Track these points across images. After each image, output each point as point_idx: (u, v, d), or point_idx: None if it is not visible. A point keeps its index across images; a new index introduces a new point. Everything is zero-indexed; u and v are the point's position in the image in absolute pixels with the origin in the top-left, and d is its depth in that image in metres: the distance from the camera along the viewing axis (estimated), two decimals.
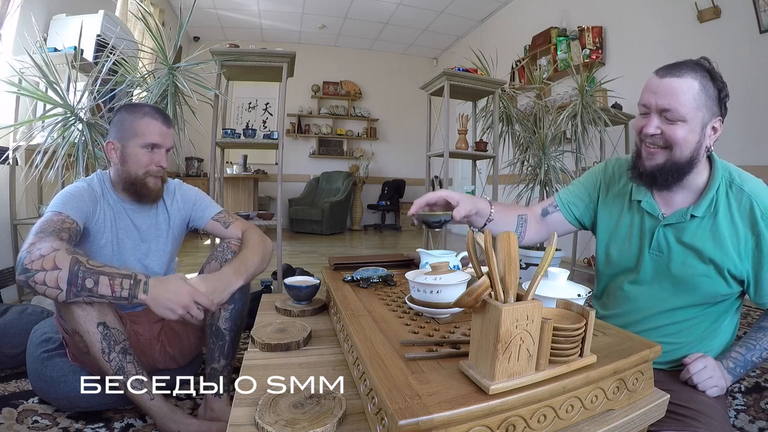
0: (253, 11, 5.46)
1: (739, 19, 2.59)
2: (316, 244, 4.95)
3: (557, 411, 0.57)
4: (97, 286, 0.88)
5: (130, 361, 1.01)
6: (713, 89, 0.82)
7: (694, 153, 0.84)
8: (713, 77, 0.83)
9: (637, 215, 0.97)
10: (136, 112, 1.17)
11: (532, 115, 3.01)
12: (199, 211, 1.32)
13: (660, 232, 0.92)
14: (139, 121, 1.16)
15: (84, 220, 1.09)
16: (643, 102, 0.86)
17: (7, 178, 2.25)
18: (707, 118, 0.83)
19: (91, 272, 0.88)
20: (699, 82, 0.81)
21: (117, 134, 1.17)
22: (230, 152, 5.78)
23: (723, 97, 0.84)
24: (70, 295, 0.88)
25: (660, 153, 0.86)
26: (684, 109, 0.80)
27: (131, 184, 1.18)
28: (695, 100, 0.80)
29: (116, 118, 1.19)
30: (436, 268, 0.85)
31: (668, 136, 0.83)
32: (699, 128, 0.83)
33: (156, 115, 1.18)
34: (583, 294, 0.77)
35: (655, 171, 0.87)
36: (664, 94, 0.81)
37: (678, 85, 0.81)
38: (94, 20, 2.57)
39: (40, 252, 0.87)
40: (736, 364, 0.87)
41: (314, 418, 0.61)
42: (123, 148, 1.16)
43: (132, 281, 0.91)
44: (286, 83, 2.42)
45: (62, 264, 0.86)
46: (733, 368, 0.87)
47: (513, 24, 5.01)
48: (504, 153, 2.94)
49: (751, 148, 2.54)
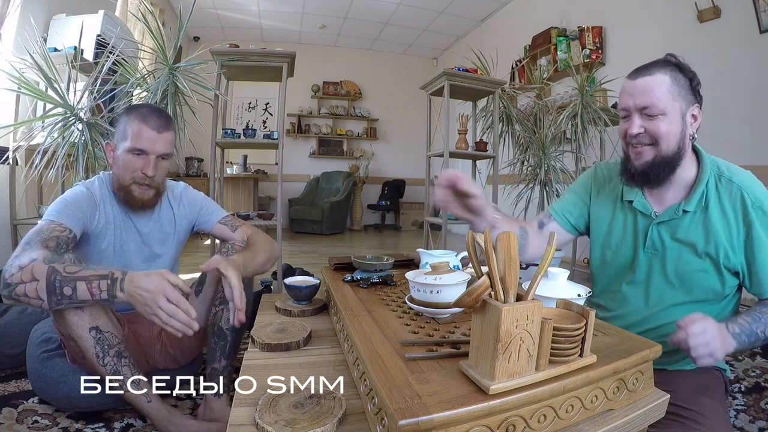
0: (253, 11, 5.46)
1: (739, 19, 2.59)
2: (316, 244, 4.94)
3: (557, 411, 0.57)
4: (75, 293, 0.87)
5: (126, 364, 1.01)
6: (684, 79, 0.87)
7: (680, 143, 0.87)
8: (681, 69, 0.87)
9: (630, 215, 0.98)
10: (133, 113, 1.14)
11: (532, 115, 3.01)
12: (205, 215, 1.33)
13: (654, 231, 0.93)
14: (131, 123, 1.12)
15: (81, 227, 1.09)
16: (622, 106, 0.90)
17: (7, 178, 2.25)
18: (685, 107, 0.86)
19: (67, 280, 0.86)
20: (669, 76, 0.85)
21: (115, 136, 1.16)
22: (230, 152, 5.78)
23: (695, 86, 0.88)
24: (52, 304, 0.87)
25: (647, 150, 0.88)
26: (661, 102, 0.84)
27: (119, 189, 1.16)
28: (670, 93, 0.84)
29: (120, 118, 1.18)
30: (436, 268, 0.85)
31: (652, 132, 0.86)
32: (679, 118, 0.86)
33: (149, 118, 1.12)
34: (583, 294, 0.77)
35: (646, 169, 0.89)
36: (639, 94, 0.86)
37: (651, 82, 0.85)
38: (94, 20, 2.57)
39: (20, 264, 0.87)
40: (742, 330, 0.80)
41: (314, 418, 0.61)
42: (115, 150, 1.15)
43: (109, 281, 0.88)
44: (286, 83, 2.42)
45: (39, 275, 0.85)
46: (739, 334, 0.79)
47: (513, 24, 5.01)
48: (504, 153, 2.94)
49: (752, 147, 2.54)
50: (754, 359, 1.65)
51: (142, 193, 1.16)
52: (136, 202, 1.16)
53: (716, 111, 2.71)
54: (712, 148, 0.99)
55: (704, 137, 3.20)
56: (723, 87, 2.68)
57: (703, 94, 0.91)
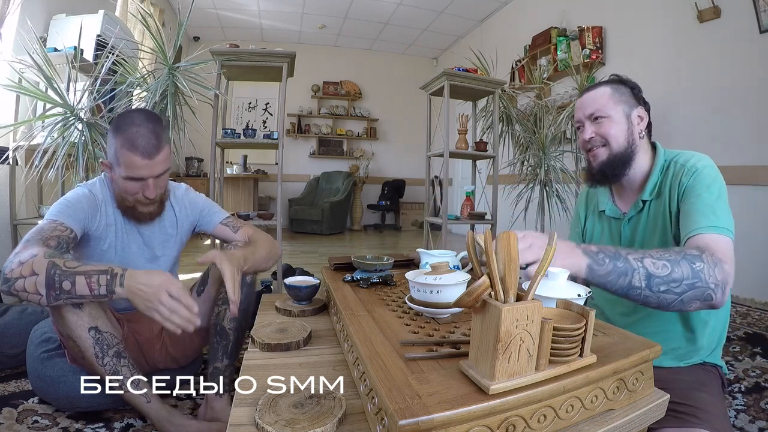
0: (253, 11, 5.46)
1: (739, 19, 2.59)
2: (316, 244, 4.94)
3: (557, 411, 0.57)
4: (74, 287, 0.87)
5: (125, 365, 1.01)
6: (625, 88, 1.01)
7: (628, 140, 0.98)
8: (623, 81, 1.02)
9: (606, 223, 1.09)
10: (120, 138, 1.06)
11: (532, 115, 3.01)
12: (207, 216, 1.33)
13: (625, 228, 1.02)
14: (122, 153, 1.06)
15: (82, 227, 1.09)
16: (576, 120, 1.05)
17: (7, 178, 2.25)
18: (628, 109, 0.99)
19: (67, 274, 0.86)
20: (610, 87, 1.00)
21: (108, 154, 1.12)
22: (230, 152, 5.78)
23: (637, 93, 1.01)
24: (50, 299, 0.87)
25: (602, 151, 1.00)
26: (605, 108, 0.98)
27: (123, 206, 1.16)
28: (611, 99, 0.99)
29: (108, 134, 1.11)
30: (436, 268, 0.85)
31: (602, 134, 0.98)
32: (624, 119, 0.98)
33: (138, 144, 1.04)
34: (583, 294, 0.76)
35: (602, 167, 1.00)
36: (587, 105, 1.01)
37: (594, 94, 1.01)
38: (94, 20, 2.57)
39: (19, 260, 0.87)
40: (604, 251, 0.76)
41: (314, 418, 0.61)
42: (113, 172, 1.12)
43: (108, 276, 0.88)
44: (286, 83, 2.42)
45: (39, 269, 0.86)
46: (595, 252, 0.76)
47: (513, 24, 5.01)
48: (504, 153, 2.94)
49: (751, 147, 2.53)
50: (754, 359, 1.65)
51: (147, 209, 1.17)
52: (143, 218, 1.18)
53: (716, 111, 2.71)
54: (712, 148, 1.01)
55: (704, 137, 3.20)
56: (723, 87, 2.68)
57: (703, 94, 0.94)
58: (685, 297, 0.73)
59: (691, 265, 0.73)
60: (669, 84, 3.00)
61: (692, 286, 0.73)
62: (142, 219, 1.18)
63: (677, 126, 2.94)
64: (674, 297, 0.74)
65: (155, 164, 1.09)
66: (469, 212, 2.73)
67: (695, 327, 0.92)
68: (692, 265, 0.73)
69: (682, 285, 0.73)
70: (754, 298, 2.38)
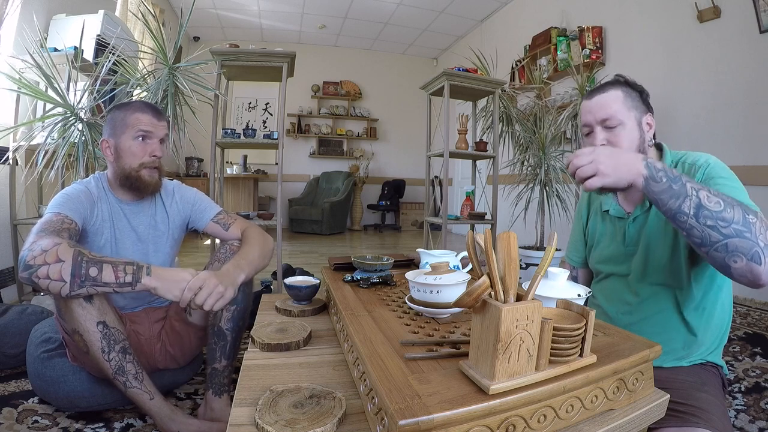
0: (253, 11, 5.45)
1: (739, 19, 2.59)
2: (316, 244, 4.94)
3: (557, 411, 0.57)
4: (101, 274, 0.89)
5: (130, 361, 1.02)
6: (634, 92, 0.96)
7: (639, 149, 0.94)
8: (630, 84, 0.97)
9: (610, 223, 1.07)
10: (126, 108, 1.19)
11: (532, 115, 3.01)
12: (198, 213, 1.32)
13: (630, 228, 1.01)
14: (130, 115, 1.17)
15: (82, 221, 1.10)
16: (584, 123, 0.97)
17: (7, 178, 2.25)
18: (639, 115, 0.94)
19: (93, 261, 0.89)
20: (621, 90, 0.95)
21: (110, 131, 1.18)
22: (230, 152, 5.78)
23: (645, 97, 0.98)
24: (74, 286, 0.88)
25: None
26: (619, 113, 0.92)
27: (127, 178, 1.18)
28: (624, 104, 0.93)
29: (109, 117, 1.21)
30: (436, 268, 0.85)
31: (615, 143, 0.92)
32: (636, 126, 0.94)
33: (145, 107, 1.19)
34: (583, 294, 0.77)
35: None
36: (598, 109, 0.94)
37: (606, 97, 0.94)
38: (94, 20, 2.57)
39: (41, 247, 0.87)
40: (665, 170, 0.74)
41: (314, 418, 0.61)
42: (116, 144, 1.17)
43: (135, 267, 0.91)
44: (286, 83, 2.42)
45: (65, 256, 0.87)
46: (659, 169, 0.74)
47: (513, 24, 5.01)
48: (504, 153, 2.94)
49: (750, 148, 2.53)
50: (754, 359, 1.65)
51: (151, 176, 1.19)
52: (147, 187, 1.19)
53: (715, 111, 2.71)
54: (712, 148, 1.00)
55: (704, 137, 3.20)
56: (722, 87, 2.68)
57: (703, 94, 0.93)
58: (730, 243, 0.68)
59: (745, 214, 0.69)
60: (669, 84, 3.00)
61: (740, 233, 0.68)
62: (147, 191, 1.20)
63: (677, 126, 2.94)
64: (719, 238, 0.69)
65: (161, 126, 1.20)
66: (469, 212, 2.74)
67: (697, 328, 0.92)
68: (746, 215, 0.69)
69: (731, 228, 0.68)
70: (754, 298, 2.38)
